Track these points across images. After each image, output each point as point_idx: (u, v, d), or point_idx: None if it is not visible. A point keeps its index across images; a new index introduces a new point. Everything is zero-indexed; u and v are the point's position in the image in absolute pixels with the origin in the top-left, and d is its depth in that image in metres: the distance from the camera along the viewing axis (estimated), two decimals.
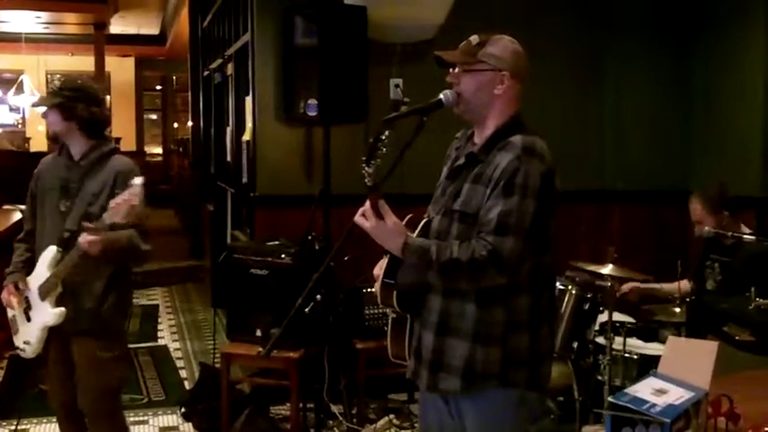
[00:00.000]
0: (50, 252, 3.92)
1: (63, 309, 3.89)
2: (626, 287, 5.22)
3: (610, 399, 2.22)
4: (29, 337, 4.02)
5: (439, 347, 2.79)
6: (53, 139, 4.28)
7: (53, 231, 3.96)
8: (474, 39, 2.86)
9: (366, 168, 2.62)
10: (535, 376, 2.80)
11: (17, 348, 4.13)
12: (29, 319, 4.02)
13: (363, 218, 2.71)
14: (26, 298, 4.00)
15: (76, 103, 3.95)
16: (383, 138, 2.64)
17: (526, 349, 2.76)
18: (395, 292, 2.83)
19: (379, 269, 2.90)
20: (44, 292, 3.91)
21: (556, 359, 4.55)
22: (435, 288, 2.78)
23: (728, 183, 6.19)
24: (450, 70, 2.87)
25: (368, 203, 2.69)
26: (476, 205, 2.72)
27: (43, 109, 4.08)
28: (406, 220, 2.81)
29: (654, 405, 2.18)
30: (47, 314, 3.91)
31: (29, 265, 4.04)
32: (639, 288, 5.26)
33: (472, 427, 2.83)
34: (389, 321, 3.01)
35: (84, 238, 3.66)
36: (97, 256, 3.72)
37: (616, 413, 2.17)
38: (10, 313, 4.13)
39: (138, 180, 3.66)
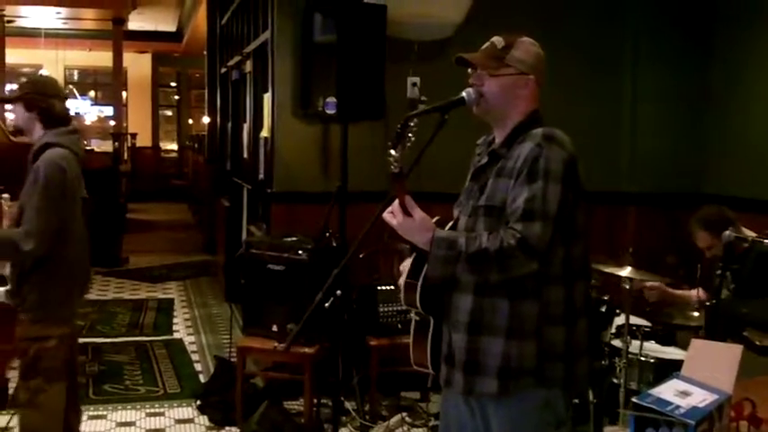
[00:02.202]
0: None
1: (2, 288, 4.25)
2: (651, 284, 5.19)
3: (634, 399, 2.20)
4: None
5: (473, 347, 2.73)
6: (15, 131, 4.37)
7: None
8: (498, 41, 2.85)
9: (393, 153, 2.60)
10: (571, 371, 2.75)
11: None
12: None
13: (391, 215, 2.70)
14: None
15: (36, 95, 4.12)
16: (411, 124, 2.63)
17: (562, 343, 2.72)
18: (418, 293, 2.78)
19: (402, 267, 2.86)
20: None
21: None
22: (464, 285, 2.73)
23: (744, 185, 6.22)
24: (470, 71, 2.86)
25: (396, 202, 2.67)
26: (500, 198, 2.70)
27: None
28: (434, 220, 2.77)
29: (678, 407, 2.16)
30: None
31: None
32: (662, 289, 5.22)
33: (497, 430, 2.80)
34: (412, 325, 2.95)
35: None
36: None
37: (640, 414, 2.16)
38: None
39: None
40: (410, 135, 2.62)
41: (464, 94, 2.83)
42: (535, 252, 2.59)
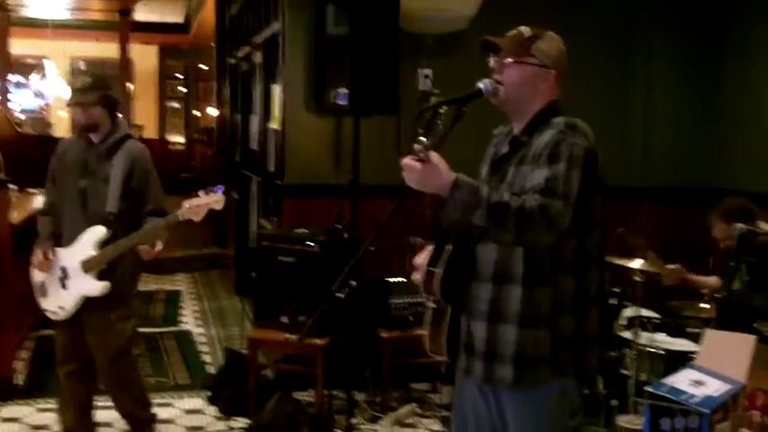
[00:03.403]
0: (99, 232, 4.39)
1: (108, 283, 4.38)
2: (671, 266, 5.17)
3: (648, 388, 2.21)
4: (64, 303, 4.48)
5: (492, 336, 2.75)
6: (87, 128, 4.52)
7: (71, 206, 4.49)
8: (525, 30, 2.85)
9: (423, 140, 2.54)
10: (581, 360, 2.76)
11: (45, 311, 4.62)
12: (64, 287, 4.47)
13: (410, 163, 2.57)
14: (63, 268, 4.46)
15: (109, 91, 4.53)
16: (441, 111, 2.60)
17: (572, 331, 2.73)
18: (439, 281, 2.76)
19: (420, 259, 2.85)
20: (89, 267, 4.37)
21: None
22: (483, 275, 2.75)
23: (757, 180, 6.19)
24: (491, 59, 2.85)
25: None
26: (521, 185, 2.67)
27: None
28: None
29: (692, 396, 2.17)
30: (90, 286, 4.39)
31: (55, 237, 4.52)
32: (682, 271, 5.19)
33: (513, 420, 2.81)
34: (428, 314, 2.94)
35: (149, 253, 4.42)
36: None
37: (655, 402, 2.17)
38: (38, 278, 4.59)
39: (221, 188, 4.32)
40: (439, 122, 2.58)
41: (481, 85, 2.80)
42: (554, 224, 2.55)
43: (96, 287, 4.38)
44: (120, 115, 4.66)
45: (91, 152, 4.50)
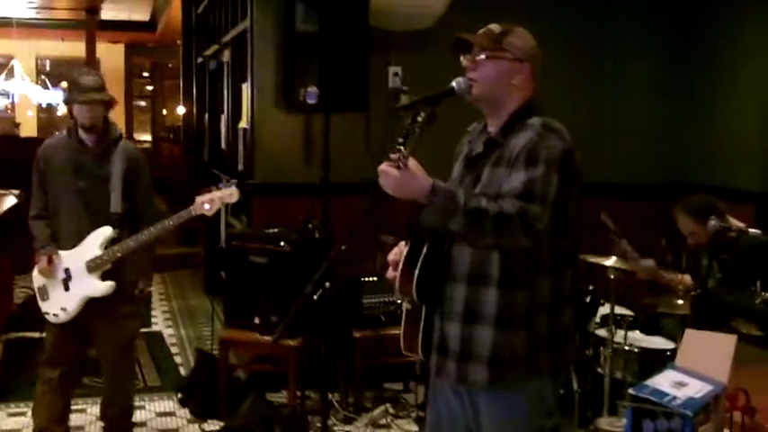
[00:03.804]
0: (106, 232, 4.42)
1: (113, 282, 4.43)
2: (645, 262, 5.17)
3: (630, 391, 2.19)
4: (66, 304, 4.49)
5: (467, 337, 2.73)
6: (89, 128, 4.52)
7: (70, 208, 4.47)
8: (495, 27, 2.83)
9: (402, 150, 2.53)
10: (556, 358, 2.76)
11: (46, 314, 4.58)
12: (67, 289, 4.49)
13: (387, 168, 2.55)
14: (66, 269, 4.47)
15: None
16: (419, 119, 2.58)
17: (548, 331, 2.72)
18: (414, 281, 2.75)
19: (395, 256, 2.84)
20: (94, 267, 4.41)
21: None
22: (458, 276, 2.74)
23: (726, 176, 6.23)
24: (463, 58, 2.82)
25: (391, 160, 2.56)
26: (497, 186, 2.66)
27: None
28: None
29: (675, 398, 2.16)
30: (93, 286, 4.43)
31: (53, 240, 4.52)
32: (655, 268, 5.19)
33: (488, 422, 2.80)
34: (403, 313, 2.93)
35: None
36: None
37: (637, 405, 2.15)
38: (39, 281, 4.58)
39: (234, 180, 4.41)
40: (418, 130, 2.56)
41: (454, 83, 2.79)
42: (531, 228, 2.54)
43: (101, 287, 4.43)
44: None
45: (86, 153, 4.49)
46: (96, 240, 4.42)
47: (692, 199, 4.94)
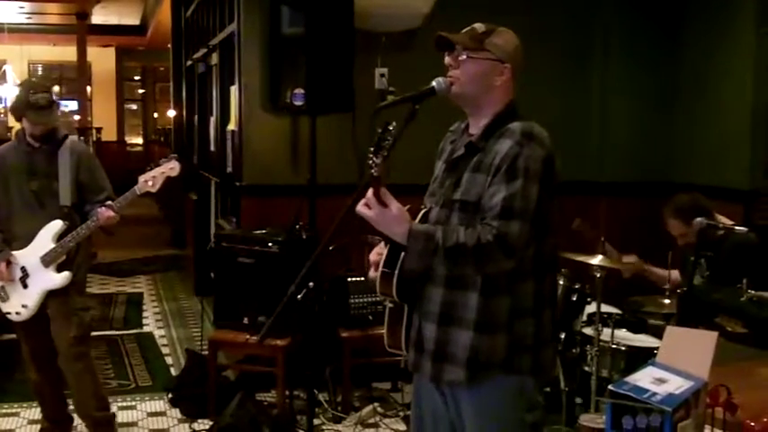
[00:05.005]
0: (56, 225, 4.53)
1: (68, 273, 4.55)
2: (628, 258, 5.20)
3: (610, 387, 2.19)
4: (26, 301, 4.61)
5: (442, 338, 2.75)
6: (43, 138, 4.67)
7: (24, 209, 4.61)
8: (479, 27, 2.83)
9: (374, 159, 2.56)
10: (538, 360, 2.77)
11: (8, 314, 4.70)
12: (26, 286, 4.60)
13: (366, 207, 2.63)
14: (23, 267, 4.59)
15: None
16: (391, 128, 2.58)
17: (531, 335, 2.74)
18: (394, 282, 2.76)
19: (376, 256, 2.84)
20: (49, 261, 4.52)
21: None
22: (437, 278, 2.75)
23: (712, 174, 6.26)
24: (447, 55, 2.83)
25: (370, 192, 2.62)
26: (476, 193, 2.69)
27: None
28: (406, 208, 2.71)
29: (654, 394, 2.16)
30: (50, 279, 4.55)
31: (7, 242, 4.63)
32: (640, 264, 5.25)
33: (470, 417, 2.81)
34: (386, 311, 2.95)
35: (104, 214, 4.41)
36: (110, 227, 4.53)
37: (617, 401, 2.16)
38: None
39: (174, 155, 4.58)
40: (389, 139, 2.57)
41: (434, 83, 2.80)
42: (513, 250, 2.59)
43: (58, 279, 4.54)
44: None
45: (35, 154, 4.64)
46: (48, 234, 4.53)
47: (680, 199, 4.94)
